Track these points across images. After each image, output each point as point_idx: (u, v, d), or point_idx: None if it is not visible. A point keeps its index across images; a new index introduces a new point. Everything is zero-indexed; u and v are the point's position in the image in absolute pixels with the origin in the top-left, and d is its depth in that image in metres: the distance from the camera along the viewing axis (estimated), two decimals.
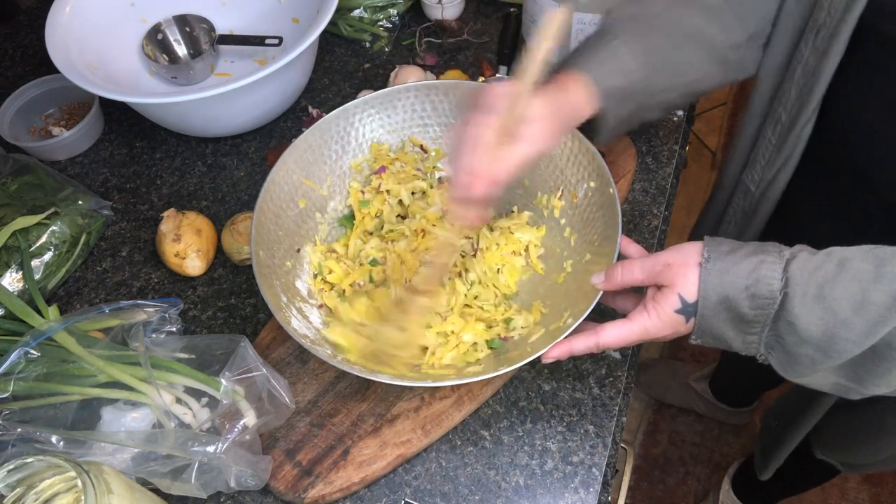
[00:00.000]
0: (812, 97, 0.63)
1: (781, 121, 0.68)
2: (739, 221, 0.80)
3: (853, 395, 0.53)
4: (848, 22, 0.57)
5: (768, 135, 0.70)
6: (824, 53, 0.60)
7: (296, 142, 0.74)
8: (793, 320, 0.50)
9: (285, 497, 0.67)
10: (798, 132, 0.67)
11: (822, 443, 0.99)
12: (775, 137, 0.70)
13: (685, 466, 1.59)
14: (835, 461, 1.00)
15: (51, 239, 0.83)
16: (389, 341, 0.66)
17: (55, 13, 0.93)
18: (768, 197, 0.74)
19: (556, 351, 0.60)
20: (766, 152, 0.72)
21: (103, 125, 1.01)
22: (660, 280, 0.56)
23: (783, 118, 0.68)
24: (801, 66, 0.64)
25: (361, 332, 0.68)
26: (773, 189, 0.73)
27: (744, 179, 0.76)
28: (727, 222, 0.82)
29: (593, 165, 0.71)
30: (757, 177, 0.74)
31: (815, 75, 0.62)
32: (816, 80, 0.62)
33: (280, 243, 0.72)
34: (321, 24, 0.87)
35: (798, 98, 0.65)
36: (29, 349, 0.64)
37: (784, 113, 0.68)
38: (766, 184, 0.73)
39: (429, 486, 0.68)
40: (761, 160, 0.73)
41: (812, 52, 0.62)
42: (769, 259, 0.51)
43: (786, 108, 0.67)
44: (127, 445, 0.61)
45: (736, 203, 0.79)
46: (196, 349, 0.69)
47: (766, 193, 0.74)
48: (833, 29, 0.58)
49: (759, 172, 0.73)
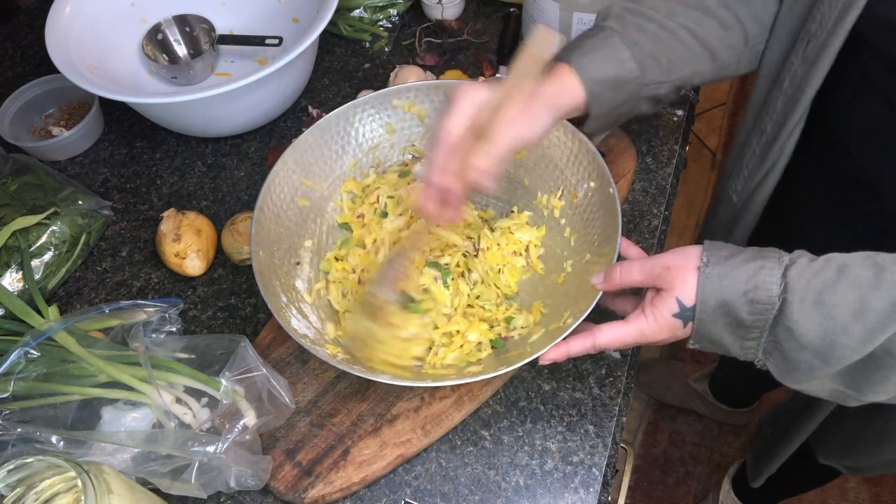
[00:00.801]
0: (797, 107, 0.63)
1: (766, 131, 0.68)
2: (723, 235, 0.80)
3: (851, 402, 0.53)
4: (838, 34, 0.56)
5: (753, 145, 0.70)
6: (812, 64, 0.60)
7: (296, 142, 0.74)
8: (791, 326, 0.49)
9: (285, 497, 0.67)
10: (782, 143, 0.66)
11: (825, 449, 0.99)
12: (759, 148, 0.70)
13: (685, 466, 1.59)
14: (838, 465, 1.00)
15: (51, 239, 0.83)
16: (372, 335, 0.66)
17: (55, 13, 0.93)
18: (749, 209, 0.74)
19: (553, 353, 0.60)
20: (749, 163, 0.72)
21: (103, 125, 1.01)
22: (658, 283, 0.56)
23: (768, 129, 0.68)
24: (790, 76, 0.63)
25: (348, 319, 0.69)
26: (756, 200, 0.73)
27: (727, 190, 0.76)
28: (712, 233, 0.82)
29: (593, 165, 0.71)
30: (739, 187, 0.74)
31: (802, 86, 0.62)
32: (802, 90, 0.62)
33: (280, 243, 0.72)
34: (321, 24, 0.87)
35: (783, 108, 0.65)
36: (29, 349, 0.64)
37: (769, 124, 0.67)
38: (747, 194, 0.73)
39: (429, 486, 0.68)
40: (745, 171, 0.72)
41: (801, 62, 0.62)
42: (768, 264, 0.51)
43: (771, 119, 0.67)
44: (127, 445, 0.61)
45: (721, 214, 0.80)
46: (196, 349, 0.69)
47: (747, 205, 0.74)
48: (823, 40, 0.58)
49: (742, 183, 0.73)
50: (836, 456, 0.99)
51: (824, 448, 0.99)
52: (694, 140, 2.13)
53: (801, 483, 1.25)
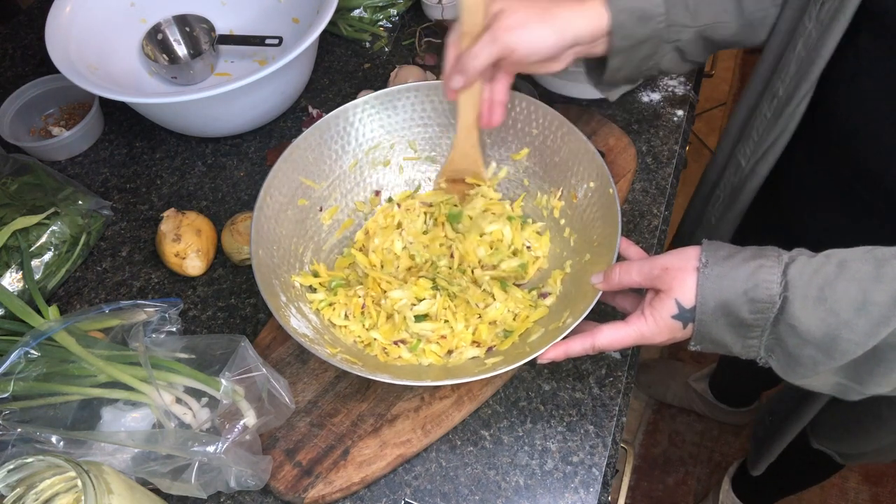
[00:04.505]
0: (811, 71, 0.63)
1: (778, 95, 0.68)
2: (727, 198, 0.80)
3: (854, 395, 0.53)
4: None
5: (764, 109, 0.70)
6: (827, 27, 0.60)
7: (296, 142, 0.74)
8: (794, 323, 0.49)
9: (285, 497, 0.67)
10: (794, 107, 0.66)
11: (819, 432, 0.99)
12: (770, 111, 0.69)
13: (685, 466, 1.59)
14: (832, 451, 1.00)
15: (51, 239, 0.83)
16: None
17: (55, 13, 0.93)
18: (757, 173, 0.74)
19: (552, 352, 0.60)
20: (760, 127, 0.71)
21: (103, 125, 1.02)
22: (657, 284, 0.56)
23: (780, 92, 0.67)
24: (803, 39, 0.63)
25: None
26: (763, 165, 0.72)
27: (736, 154, 0.76)
28: (716, 197, 0.82)
29: (593, 165, 0.71)
30: (749, 151, 0.74)
31: (817, 49, 0.61)
32: (817, 53, 0.61)
33: (280, 243, 0.72)
34: (321, 24, 0.87)
35: (797, 72, 0.65)
36: (29, 349, 0.64)
37: (781, 87, 0.67)
38: (756, 158, 0.73)
39: (429, 486, 0.68)
40: (755, 135, 0.72)
41: (815, 24, 0.61)
42: (767, 263, 0.51)
43: (784, 82, 0.66)
44: (127, 445, 0.61)
45: (727, 178, 0.79)
46: (196, 349, 0.69)
47: (755, 169, 0.73)
48: (839, 2, 0.58)
49: (752, 147, 0.73)
50: (830, 441, 0.99)
51: (818, 433, 0.99)
52: (694, 140, 2.13)
53: (799, 476, 1.25)
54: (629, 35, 0.63)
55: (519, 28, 0.61)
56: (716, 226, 0.83)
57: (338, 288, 0.74)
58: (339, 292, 0.74)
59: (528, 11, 0.62)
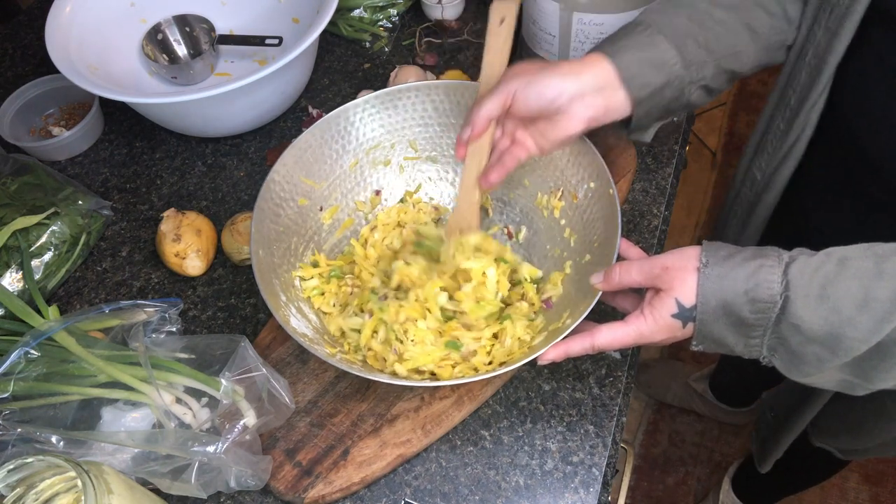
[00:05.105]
0: (821, 78, 0.63)
1: (790, 104, 0.68)
2: (744, 213, 0.80)
3: (860, 390, 0.53)
4: (861, 1, 0.56)
5: (777, 121, 0.70)
6: (835, 34, 0.60)
7: (296, 142, 0.74)
8: (797, 322, 0.49)
9: (285, 497, 0.67)
10: (805, 116, 0.66)
11: (819, 429, 0.99)
12: (783, 122, 0.69)
13: (685, 466, 1.59)
14: (832, 447, 1.00)
15: (51, 239, 0.83)
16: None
17: (55, 13, 0.93)
18: (772, 186, 0.73)
19: (552, 353, 0.60)
20: (774, 139, 0.71)
21: (103, 125, 1.02)
22: (657, 283, 0.56)
23: (792, 102, 0.67)
24: (813, 47, 0.63)
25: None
26: (778, 177, 0.72)
27: (752, 168, 0.76)
28: (734, 213, 0.82)
29: (593, 166, 0.71)
30: (764, 164, 0.73)
31: (825, 57, 0.62)
32: (825, 61, 0.62)
33: (280, 243, 0.72)
34: (321, 24, 0.87)
35: (807, 80, 0.65)
36: (29, 349, 0.64)
37: (793, 97, 0.67)
38: (771, 171, 0.72)
39: (429, 486, 0.68)
40: (769, 148, 0.72)
41: (824, 32, 0.61)
42: (768, 263, 0.51)
43: (795, 92, 0.67)
44: (127, 445, 0.61)
45: (743, 194, 0.79)
46: (196, 349, 0.69)
47: (770, 181, 0.73)
48: (846, 8, 0.58)
49: (766, 159, 0.73)
50: (830, 437, 0.99)
51: (818, 429, 0.99)
52: (694, 140, 2.13)
53: (799, 475, 1.25)
54: (647, 84, 0.63)
55: (522, 74, 0.63)
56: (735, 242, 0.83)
57: (332, 278, 0.74)
58: (332, 281, 0.74)
59: (533, 65, 0.64)
